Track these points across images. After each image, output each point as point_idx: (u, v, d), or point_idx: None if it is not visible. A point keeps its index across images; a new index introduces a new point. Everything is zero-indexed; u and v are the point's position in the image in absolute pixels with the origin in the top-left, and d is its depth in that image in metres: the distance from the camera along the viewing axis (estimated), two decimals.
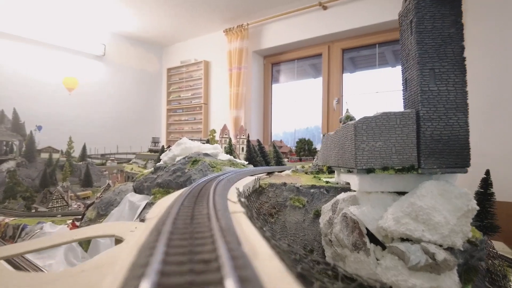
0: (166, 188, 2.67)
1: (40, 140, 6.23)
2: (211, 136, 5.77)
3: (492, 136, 4.58)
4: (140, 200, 2.78)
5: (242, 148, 4.64)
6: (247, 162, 3.14)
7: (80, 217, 3.20)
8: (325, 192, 1.96)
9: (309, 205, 1.95)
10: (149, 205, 2.63)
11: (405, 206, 1.54)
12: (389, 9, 6.08)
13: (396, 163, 1.60)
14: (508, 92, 4.79)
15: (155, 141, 5.78)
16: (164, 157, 3.01)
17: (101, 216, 2.90)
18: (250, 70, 7.38)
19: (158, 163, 3.07)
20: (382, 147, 1.61)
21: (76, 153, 6.56)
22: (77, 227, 3.01)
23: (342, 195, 1.75)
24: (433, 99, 1.60)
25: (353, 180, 1.72)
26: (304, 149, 5.49)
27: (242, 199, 1.06)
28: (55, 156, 5.94)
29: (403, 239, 1.54)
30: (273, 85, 7.77)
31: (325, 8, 6.65)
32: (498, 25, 4.99)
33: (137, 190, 2.96)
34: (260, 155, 3.71)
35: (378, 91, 6.92)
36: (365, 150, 1.61)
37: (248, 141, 3.76)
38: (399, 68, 7.56)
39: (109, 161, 6.57)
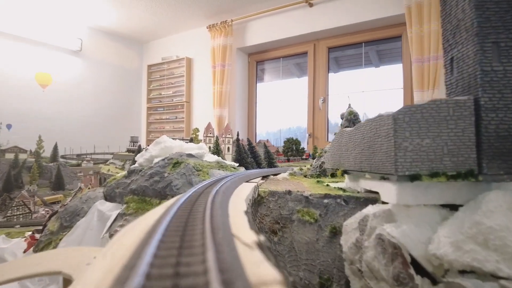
0: (142, 195, 2.15)
1: (10, 139, 5.58)
2: (194, 135, 5.24)
3: None
4: (110, 209, 2.26)
5: (228, 148, 4.15)
6: (237, 164, 2.66)
7: (41, 228, 2.63)
8: (343, 203, 1.48)
9: (323, 219, 1.47)
10: (120, 216, 2.11)
11: (466, 226, 1.09)
12: (375, 8, 5.78)
13: (449, 168, 1.15)
14: None
15: (133, 141, 5.22)
16: (140, 158, 2.48)
17: (64, 228, 2.36)
18: (234, 68, 6.88)
19: (133, 165, 2.54)
20: (430, 146, 1.15)
21: (48, 153, 5.92)
22: (36, 240, 2.45)
23: (371, 209, 1.28)
24: (498, 82, 1.14)
25: (387, 190, 1.26)
26: (292, 149, 5.05)
27: (264, 242, 0.57)
28: (22, 156, 5.29)
29: (464, 271, 1.09)
30: (257, 84, 7.29)
31: (311, 5, 6.23)
32: None
33: (108, 197, 2.43)
34: (251, 156, 3.23)
35: (364, 91, 6.58)
36: (408, 150, 1.15)
37: (238, 140, 3.28)
38: (383, 68, 7.31)
39: (84, 162, 5.95)
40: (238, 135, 3.39)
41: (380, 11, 5.81)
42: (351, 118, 2.79)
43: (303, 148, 5.22)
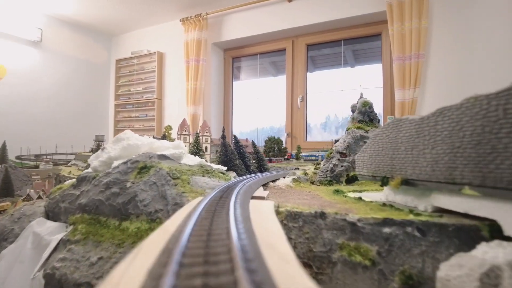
0: (95, 214, 1.45)
1: None
2: (167, 134, 4.51)
3: None
4: (51, 232, 1.53)
5: (206, 147, 3.48)
6: (225, 168, 2.00)
7: None
8: (416, 233, 0.86)
9: (385, 261, 0.85)
10: (63, 243, 1.40)
11: None
12: (355, 4, 5.33)
13: None
14: None
15: (98, 140, 4.39)
16: (94, 161, 1.74)
17: None
18: (209, 64, 6.18)
19: (86, 170, 1.82)
20: None
21: None
22: None
23: (500, 254, 0.67)
24: None
25: None
26: (274, 148, 4.43)
27: None
28: None
29: None
30: (234, 83, 6.63)
31: (290, 0, 5.65)
32: None
33: (51, 213, 1.69)
34: (239, 156, 2.58)
35: (343, 89, 6.09)
36: None
37: (224, 138, 2.60)
38: (358, 68, 6.86)
39: (42, 163, 5.04)
40: (223, 131, 2.70)
41: (360, 8, 5.35)
42: (365, 110, 2.22)
43: (285, 148, 4.63)
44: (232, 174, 1.99)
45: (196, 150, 2.72)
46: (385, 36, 5.50)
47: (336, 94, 6.10)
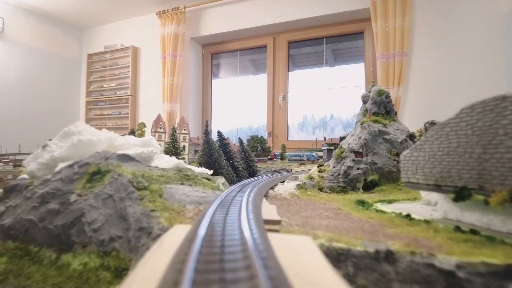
0: (22, 241, 0.95)
1: None
2: (140, 132, 3.98)
3: None
4: None
5: (184, 146, 3.00)
6: (210, 172, 1.53)
7: None
8: None
9: None
10: None
11: None
12: (338, 1, 5.01)
13: None
14: None
15: None
16: (31, 162, 1.22)
17: None
18: (187, 59, 5.66)
19: (20, 176, 1.31)
20: None
21: None
22: None
23: None
24: None
25: None
26: (257, 148, 4.00)
27: None
28: None
29: None
30: (213, 80, 6.14)
31: None
32: None
33: None
34: (225, 156, 2.11)
35: (325, 88, 5.74)
36: None
37: (207, 134, 2.10)
38: (337, 68, 6.53)
39: (1, 164, 4.38)
40: (207, 125, 2.21)
41: (343, 4, 5.02)
42: (381, 100, 1.82)
43: (269, 147, 4.22)
44: (220, 180, 1.51)
45: (173, 149, 2.20)
46: (368, 34, 5.20)
47: (315, 94, 5.76)
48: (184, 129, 3.00)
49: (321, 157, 4.15)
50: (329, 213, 0.93)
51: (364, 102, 2.09)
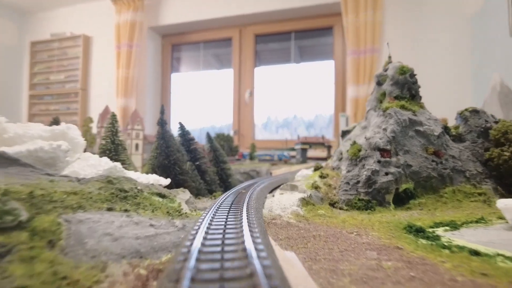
0: None
1: None
2: (86, 127, 3.43)
3: None
4: None
5: (137, 145, 2.52)
6: (166, 182, 1.03)
7: None
8: None
9: None
10: None
11: None
12: None
13: None
14: None
15: None
16: None
17: None
18: (144, 50, 5.13)
19: None
20: None
21: None
22: None
23: None
24: None
25: None
26: (224, 147, 3.57)
27: None
28: None
29: None
30: (174, 74, 5.62)
31: None
32: None
33: None
34: (188, 156, 1.63)
35: (292, 85, 5.43)
36: None
37: (163, 124, 1.57)
38: (303, 64, 6.26)
39: None
40: (163, 112, 1.68)
41: None
42: (404, 80, 1.46)
43: (237, 147, 3.80)
44: (183, 195, 1.04)
45: (112, 147, 1.60)
46: (337, 30, 4.94)
47: (280, 92, 5.45)
48: (138, 124, 2.51)
49: (293, 157, 3.81)
50: (387, 261, 0.55)
51: (379, 83, 1.67)
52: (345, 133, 1.83)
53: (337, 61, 5.00)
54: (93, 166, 0.90)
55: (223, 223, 0.64)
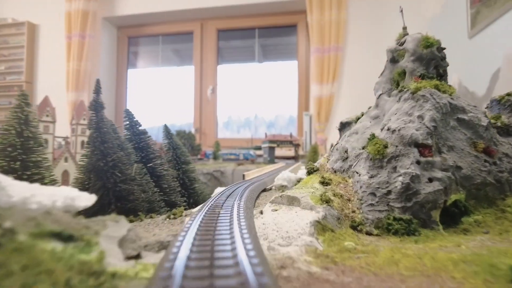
0: None
1: None
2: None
3: None
4: None
5: (83, 142, 2.21)
6: (86, 200, 0.56)
7: None
8: None
9: None
10: None
11: None
12: None
13: None
14: None
15: None
16: None
17: None
18: (98, 41, 4.73)
19: None
20: None
21: None
22: None
23: None
24: None
25: None
26: (185, 145, 3.31)
27: None
28: None
29: None
30: (131, 70, 5.25)
31: None
32: None
33: None
34: (138, 156, 1.30)
35: (255, 84, 5.27)
36: None
37: (97, 107, 1.18)
38: (266, 64, 6.13)
39: None
40: (98, 91, 1.20)
41: None
42: (431, 55, 1.12)
43: (199, 145, 3.56)
44: (116, 229, 0.58)
45: (18, 142, 1.06)
46: (301, 28, 4.86)
47: (242, 91, 5.28)
48: (84, 119, 2.21)
49: (260, 156, 3.63)
50: None
51: (394, 60, 1.31)
52: (345, 126, 1.49)
53: (301, 60, 4.91)
54: None
55: None
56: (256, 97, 5.30)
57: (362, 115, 1.38)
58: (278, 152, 3.56)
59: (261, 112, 5.35)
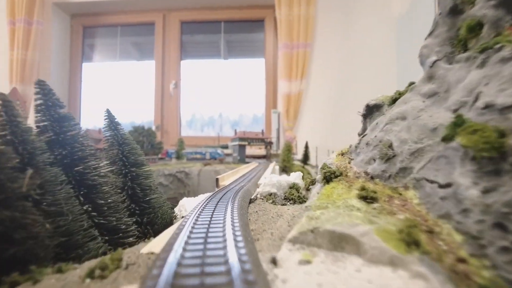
0: None
1: None
2: None
3: None
4: None
5: None
6: None
7: None
8: None
9: None
10: None
11: None
12: None
13: None
14: None
15: None
16: None
17: None
18: (48, 29, 4.26)
19: None
20: None
21: None
22: None
23: None
24: None
25: None
26: (143, 143, 2.99)
27: None
28: None
29: None
30: (87, 64, 4.81)
31: None
32: None
33: None
34: (66, 162, 0.83)
35: (221, 82, 5.04)
36: None
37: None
38: (231, 61, 5.91)
39: None
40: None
41: None
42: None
43: (161, 143, 3.24)
44: None
45: None
46: (269, 23, 4.69)
47: (206, 89, 5.04)
48: (21, 109, 1.87)
49: (229, 154, 3.37)
50: None
51: (456, 10, 0.84)
52: (372, 110, 1.07)
53: (268, 56, 4.75)
54: None
55: None
56: (221, 95, 5.08)
57: (399, 93, 0.98)
58: (248, 150, 3.34)
59: (226, 110, 5.14)
